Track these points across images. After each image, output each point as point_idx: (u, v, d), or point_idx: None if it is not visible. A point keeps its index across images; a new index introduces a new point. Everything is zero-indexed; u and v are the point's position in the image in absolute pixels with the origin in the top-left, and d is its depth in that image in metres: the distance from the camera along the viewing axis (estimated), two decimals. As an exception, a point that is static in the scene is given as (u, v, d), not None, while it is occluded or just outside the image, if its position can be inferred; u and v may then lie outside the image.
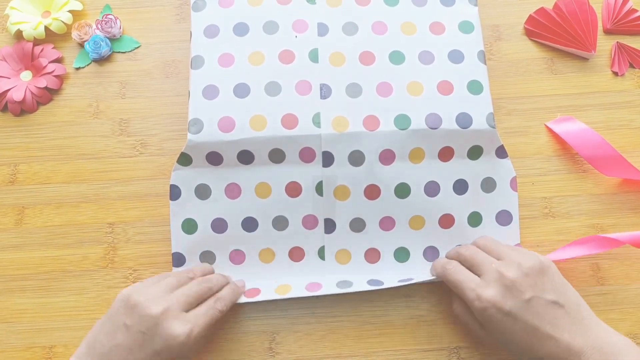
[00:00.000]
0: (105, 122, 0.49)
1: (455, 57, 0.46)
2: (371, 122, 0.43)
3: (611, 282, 0.44)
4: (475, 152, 0.45)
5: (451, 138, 0.44)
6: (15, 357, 0.43)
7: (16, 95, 0.49)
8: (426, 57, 0.46)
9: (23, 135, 0.49)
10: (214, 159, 0.44)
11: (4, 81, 0.50)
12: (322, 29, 0.46)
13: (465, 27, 0.47)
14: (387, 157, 0.43)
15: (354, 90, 0.45)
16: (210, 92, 0.44)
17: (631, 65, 0.51)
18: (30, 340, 0.43)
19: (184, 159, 0.44)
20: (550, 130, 0.48)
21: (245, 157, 0.44)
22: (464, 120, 0.44)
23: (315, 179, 0.44)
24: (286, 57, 0.45)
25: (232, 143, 0.43)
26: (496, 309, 0.36)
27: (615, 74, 0.50)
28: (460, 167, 0.45)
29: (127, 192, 0.47)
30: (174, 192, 0.44)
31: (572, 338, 0.34)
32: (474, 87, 0.45)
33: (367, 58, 0.46)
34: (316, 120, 0.43)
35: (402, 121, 0.43)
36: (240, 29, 0.46)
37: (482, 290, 0.36)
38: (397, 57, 0.46)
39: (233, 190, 0.44)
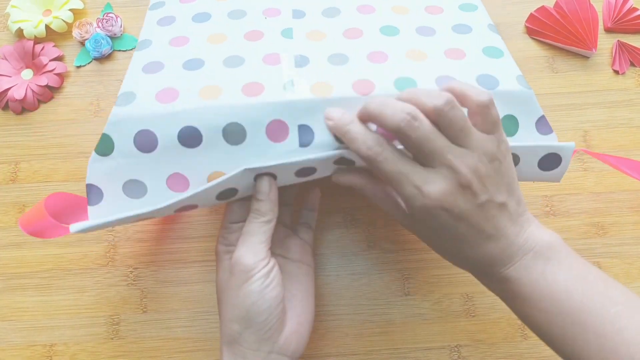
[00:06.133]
0: (106, 121, 0.49)
1: (462, 29, 0.37)
2: (363, 86, 0.32)
3: (612, 281, 0.44)
4: (509, 125, 0.33)
5: None
6: (16, 355, 0.43)
7: (17, 93, 0.49)
8: (425, 31, 0.37)
9: (24, 133, 0.49)
10: (145, 142, 0.31)
11: (5, 79, 0.50)
12: (298, 14, 0.38)
13: (467, 7, 0.40)
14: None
15: (338, 59, 0.34)
16: (153, 67, 0.34)
17: (632, 64, 0.51)
18: (31, 339, 0.43)
19: (104, 145, 0.32)
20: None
21: (191, 138, 0.31)
22: (487, 82, 0.33)
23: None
24: (253, 35, 0.36)
25: (172, 115, 0.31)
26: (443, 209, 0.29)
27: (616, 72, 0.50)
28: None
29: (128, 191, 0.47)
30: (93, 197, 0.32)
31: (508, 240, 0.31)
32: (492, 52, 0.36)
33: (353, 33, 0.37)
34: (289, 86, 0.32)
35: (406, 84, 0.33)
36: (201, 17, 0.38)
37: (429, 185, 0.29)
38: (389, 30, 0.37)
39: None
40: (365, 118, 0.31)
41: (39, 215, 0.33)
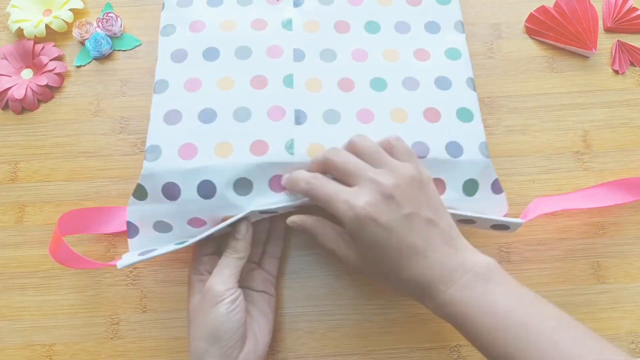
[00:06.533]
0: (106, 120, 0.49)
1: (442, 83, 0.42)
2: None
3: (612, 281, 0.44)
4: (470, 188, 0.40)
5: (441, 169, 0.39)
6: (16, 354, 0.43)
7: (17, 93, 0.49)
8: (410, 83, 0.42)
9: (24, 133, 0.49)
10: (171, 192, 0.38)
11: (5, 79, 0.50)
12: (298, 55, 0.43)
13: (452, 54, 0.44)
14: None
15: (331, 116, 0.40)
16: (173, 117, 0.41)
17: (632, 64, 0.51)
18: (30, 338, 0.43)
19: (140, 193, 0.39)
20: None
21: (207, 190, 0.38)
22: (454, 150, 0.40)
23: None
24: (258, 82, 0.42)
25: (194, 172, 0.38)
26: (371, 219, 0.32)
27: (616, 72, 0.50)
28: (454, 203, 0.39)
29: (128, 190, 0.46)
30: (132, 232, 0.40)
31: (444, 258, 0.33)
32: (464, 115, 0.41)
33: (346, 84, 0.42)
34: (289, 147, 0.39)
35: None
36: (210, 54, 0.43)
37: (356, 198, 0.33)
38: (378, 84, 0.42)
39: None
40: (312, 168, 0.38)
41: (58, 242, 0.38)
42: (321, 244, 0.37)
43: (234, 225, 0.39)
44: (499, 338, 0.31)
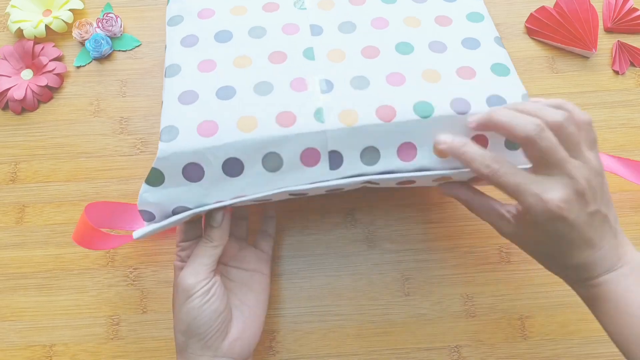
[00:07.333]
0: (106, 121, 0.49)
1: (470, 43, 0.40)
2: (386, 112, 0.36)
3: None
4: (513, 143, 0.37)
5: None
6: (16, 355, 0.43)
7: (17, 93, 0.49)
8: (437, 47, 0.40)
9: (24, 133, 0.49)
10: (193, 173, 0.35)
11: (4, 80, 0.50)
12: (316, 30, 0.40)
13: (474, 17, 0.42)
14: (408, 150, 0.36)
15: (360, 82, 0.37)
16: (188, 97, 0.37)
17: (632, 64, 0.51)
18: (31, 339, 0.43)
19: (155, 177, 0.35)
20: None
21: (233, 168, 0.35)
22: (497, 102, 0.36)
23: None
24: (277, 57, 0.39)
25: (216, 149, 0.34)
26: (561, 217, 0.32)
27: (616, 72, 0.50)
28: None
29: (128, 191, 0.47)
30: (147, 217, 0.36)
31: (610, 250, 0.33)
32: (500, 70, 0.39)
33: (370, 52, 0.39)
34: (319, 116, 0.35)
35: (423, 108, 0.36)
36: (223, 36, 0.40)
37: (548, 192, 0.32)
38: (405, 48, 0.39)
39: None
40: (489, 127, 0.34)
41: (85, 227, 0.37)
42: (475, 213, 0.37)
43: (209, 213, 0.36)
44: (637, 330, 0.32)
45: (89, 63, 0.51)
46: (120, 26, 0.51)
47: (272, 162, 0.35)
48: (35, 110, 0.49)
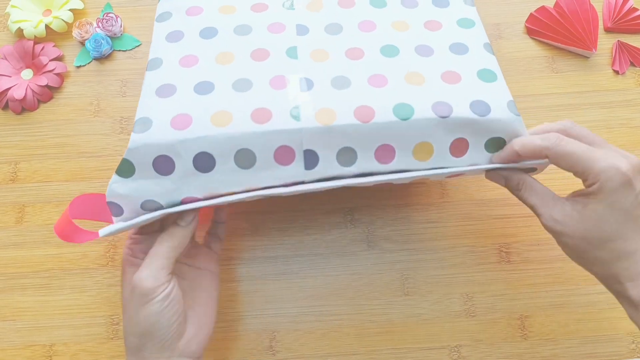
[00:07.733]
0: (106, 121, 0.49)
1: (458, 48, 0.39)
2: (364, 113, 0.34)
3: (612, 281, 0.44)
4: (494, 146, 0.36)
5: (465, 129, 0.35)
6: (16, 355, 0.43)
7: (17, 93, 0.49)
8: (424, 50, 0.39)
9: (24, 133, 0.49)
10: (163, 166, 0.34)
11: (5, 79, 0.50)
12: (302, 30, 0.40)
13: (465, 23, 0.42)
14: (386, 152, 0.35)
15: (341, 82, 0.36)
16: (166, 90, 0.36)
17: (632, 64, 0.51)
18: (31, 339, 0.43)
19: (125, 168, 0.34)
20: None
21: (205, 162, 0.34)
22: (480, 108, 0.36)
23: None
24: (260, 55, 0.38)
25: (188, 142, 0.33)
26: (630, 183, 0.31)
27: (616, 72, 0.50)
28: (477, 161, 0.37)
29: (128, 191, 0.47)
30: (115, 211, 0.35)
31: None
32: (486, 76, 0.38)
33: (354, 53, 0.38)
34: (295, 114, 0.34)
35: (404, 110, 0.35)
36: (208, 33, 0.40)
37: (617, 159, 0.32)
38: (390, 51, 0.38)
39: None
40: (516, 158, 0.36)
41: (66, 220, 0.35)
42: (520, 198, 0.37)
43: (180, 212, 0.35)
44: None
45: (89, 63, 0.51)
46: (121, 26, 0.51)
47: (245, 158, 0.34)
48: (36, 110, 0.49)
